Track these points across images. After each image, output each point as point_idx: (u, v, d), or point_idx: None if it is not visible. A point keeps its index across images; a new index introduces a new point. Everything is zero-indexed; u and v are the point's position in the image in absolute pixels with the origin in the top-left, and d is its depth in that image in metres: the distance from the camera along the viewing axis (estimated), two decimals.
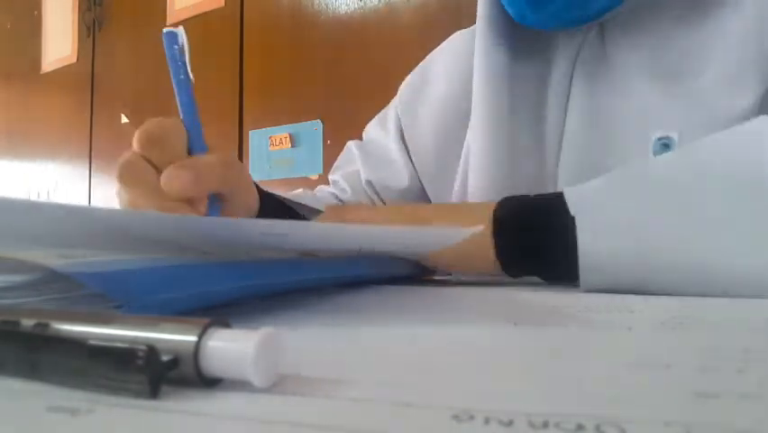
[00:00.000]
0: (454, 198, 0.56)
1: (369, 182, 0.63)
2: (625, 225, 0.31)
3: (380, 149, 0.64)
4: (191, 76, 0.36)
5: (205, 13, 1.63)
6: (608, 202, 0.32)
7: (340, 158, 0.68)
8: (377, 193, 0.63)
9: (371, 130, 0.67)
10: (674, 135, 0.41)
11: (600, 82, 0.46)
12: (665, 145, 0.41)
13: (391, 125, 0.64)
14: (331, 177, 0.67)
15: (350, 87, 1.35)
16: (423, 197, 0.62)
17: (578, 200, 0.32)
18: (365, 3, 1.34)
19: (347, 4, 1.37)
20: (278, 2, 1.49)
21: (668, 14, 0.44)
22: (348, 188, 0.63)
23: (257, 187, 0.45)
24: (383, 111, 0.68)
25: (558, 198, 0.33)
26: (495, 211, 0.36)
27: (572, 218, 0.31)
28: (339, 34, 1.37)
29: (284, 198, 0.49)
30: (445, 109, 0.58)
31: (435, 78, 0.61)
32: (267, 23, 1.52)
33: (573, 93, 0.47)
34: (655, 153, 0.42)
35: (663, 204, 0.30)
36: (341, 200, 0.63)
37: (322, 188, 0.66)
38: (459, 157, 0.56)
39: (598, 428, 0.09)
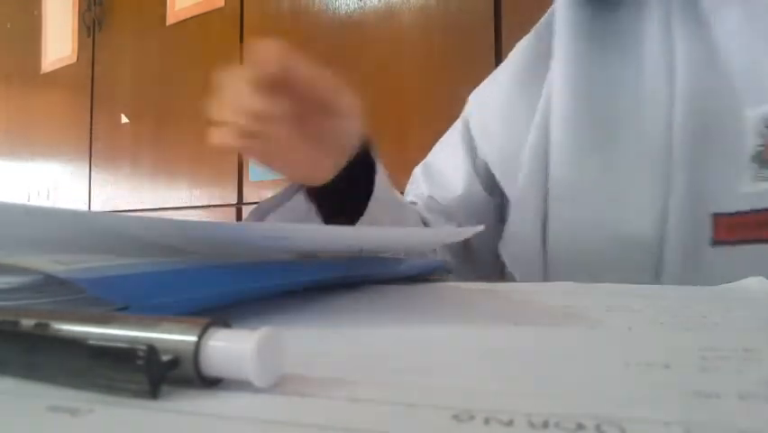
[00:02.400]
0: (522, 184, 0.52)
1: (431, 197, 0.61)
2: None
3: (440, 163, 0.63)
4: None
5: (205, 13, 1.63)
6: None
7: (408, 185, 0.66)
8: (439, 205, 0.61)
9: (434, 151, 0.66)
10: None
11: (702, 27, 0.42)
12: None
13: (456, 135, 0.62)
14: (407, 198, 0.65)
15: (350, 86, 1.35)
16: (484, 201, 0.59)
17: None
18: (365, 3, 1.34)
19: (347, 4, 1.37)
20: (279, 2, 1.49)
21: None
22: (423, 206, 0.62)
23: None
24: (446, 137, 0.66)
25: None
26: None
27: None
28: (339, 34, 1.37)
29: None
30: (513, 89, 0.56)
31: (503, 76, 0.59)
32: (267, 23, 1.52)
33: (677, 42, 0.43)
34: (761, 135, 0.38)
35: None
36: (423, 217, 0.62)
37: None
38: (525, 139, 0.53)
39: (598, 427, 0.09)
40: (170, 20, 1.72)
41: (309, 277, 0.29)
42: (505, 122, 0.56)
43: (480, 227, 0.24)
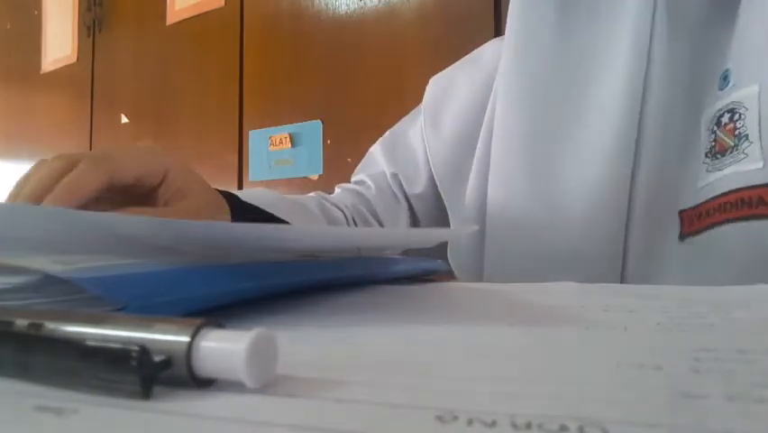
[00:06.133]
0: (469, 197, 0.52)
1: (394, 175, 0.60)
2: None
3: (405, 143, 0.62)
4: None
5: (205, 13, 1.63)
6: None
7: (363, 162, 0.66)
8: (401, 187, 0.61)
9: (402, 124, 0.65)
10: (729, 66, 0.40)
11: (678, 31, 0.42)
12: (724, 77, 0.40)
13: (419, 124, 0.61)
14: (354, 178, 0.65)
15: (350, 87, 1.35)
16: (438, 203, 0.60)
17: None
18: (365, 3, 1.34)
19: (347, 4, 1.37)
20: (278, 2, 1.49)
21: None
22: (372, 186, 0.61)
23: (228, 195, 0.43)
24: (415, 109, 0.65)
25: None
26: None
27: None
28: (339, 34, 1.37)
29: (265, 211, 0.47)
30: (467, 113, 0.56)
31: (461, 84, 0.59)
32: (267, 23, 1.52)
33: (654, 52, 0.42)
34: (720, 89, 0.40)
35: None
36: (365, 197, 0.61)
37: (342, 185, 0.64)
38: (473, 153, 0.53)
39: (581, 429, 0.09)
40: (170, 20, 1.72)
41: (309, 277, 0.29)
42: (456, 136, 0.56)
43: (475, 227, 0.24)
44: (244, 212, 0.44)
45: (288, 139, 1.45)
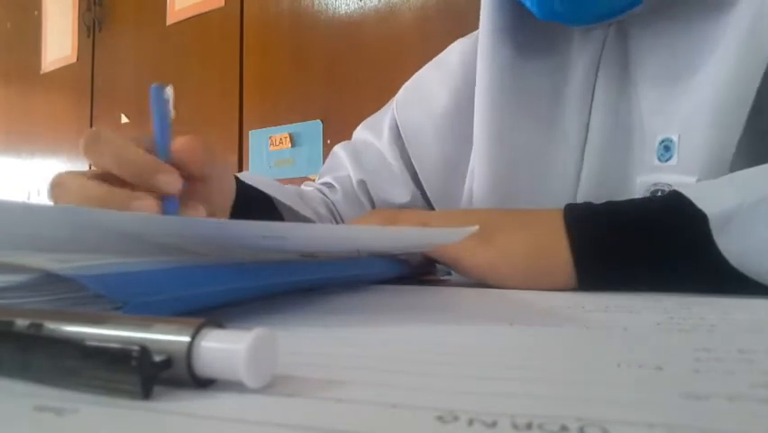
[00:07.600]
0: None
1: (361, 182, 0.61)
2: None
3: (371, 151, 0.63)
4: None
5: (205, 13, 1.63)
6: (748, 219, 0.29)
7: (327, 162, 0.66)
8: (368, 195, 0.61)
9: (359, 133, 0.66)
10: (674, 137, 0.41)
11: (621, 86, 0.45)
12: (666, 148, 0.42)
13: (386, 132, 0.62)
14: (321, 180, 0.65)
15: (350, 86, 1.35)
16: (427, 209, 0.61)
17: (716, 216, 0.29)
18: (365, 3, 1.34)
19: (347, 5, 1.37)
20: (278, 2, 1.49)
21: (682, 15, 0.43)
22: (339, 190, 0.61)
23: (235, 177, 0.45)
24: (373, 117, 0.66)
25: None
26: (567, 218, 0.34)
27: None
28: (339, 34, 1.38)
29: (266, 193, 0.48)
30: (451, 123, 0.57)
31: (437, 90, 0.59)
32: (267, 22, 1.52)
33: (597, 96, 0.46)
34: (659, 157, 0.42)
35: None
36: (330, 199, 0.61)
37: (309, 183, 0.65)
38: (465, 175, 0.55)
39: (581, 429, 0.09)
40: (170, 20, 1.72)
41: (308, 277, 0.29)
42: (443, 164, 0.58)
43: (476, 227, 0.24)
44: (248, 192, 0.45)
45: (288, 139, 1.45)
